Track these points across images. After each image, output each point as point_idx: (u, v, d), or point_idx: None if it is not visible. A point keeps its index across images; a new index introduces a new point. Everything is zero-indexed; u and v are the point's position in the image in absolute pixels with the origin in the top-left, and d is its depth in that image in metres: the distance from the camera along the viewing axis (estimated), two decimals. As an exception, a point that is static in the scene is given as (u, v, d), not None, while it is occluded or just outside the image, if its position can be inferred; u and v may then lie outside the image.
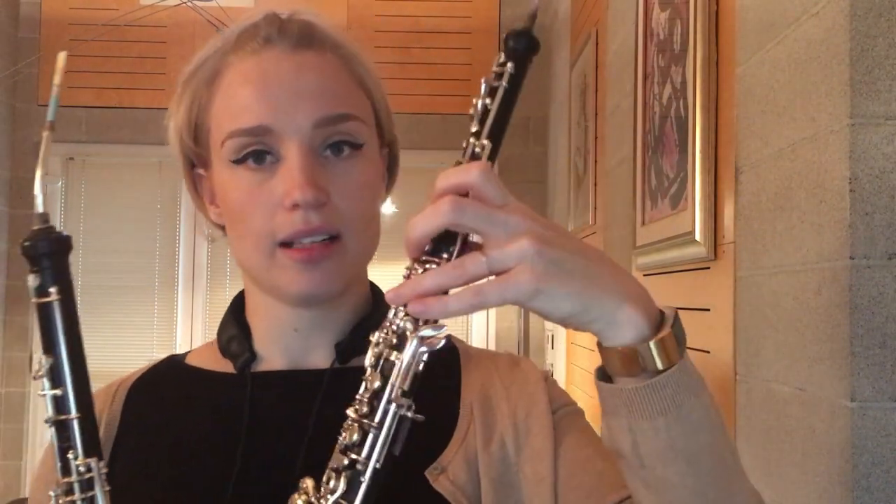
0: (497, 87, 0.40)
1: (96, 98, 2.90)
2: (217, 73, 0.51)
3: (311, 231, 0.47)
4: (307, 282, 0.48)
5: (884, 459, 0.70)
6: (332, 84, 0.50)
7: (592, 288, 0.36)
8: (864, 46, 0.71)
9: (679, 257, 1.20)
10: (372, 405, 0.39)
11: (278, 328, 0.53)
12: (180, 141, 0.53)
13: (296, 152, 0.48)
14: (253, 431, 0.50)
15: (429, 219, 0.37)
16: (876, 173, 0.71)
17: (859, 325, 0.70)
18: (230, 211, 0.50)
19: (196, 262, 2.98)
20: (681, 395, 0.37)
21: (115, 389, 0.55)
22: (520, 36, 0.40)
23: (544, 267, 0.35)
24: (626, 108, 1.56)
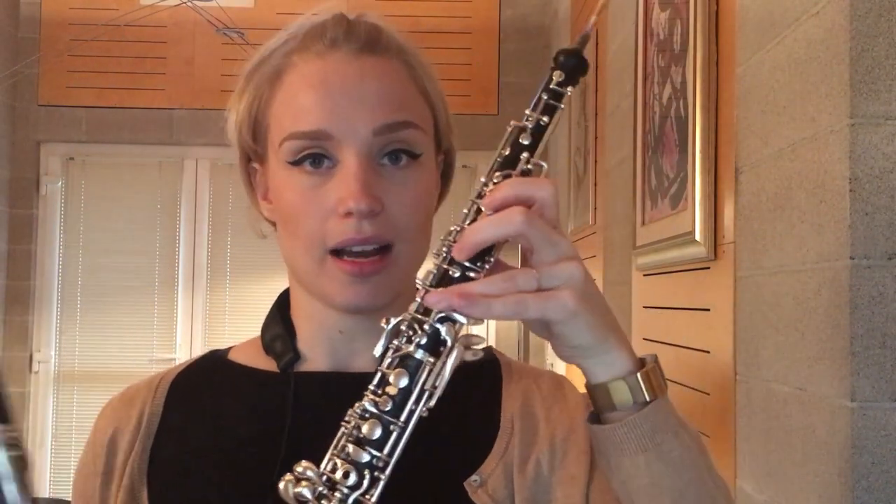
0: (555, 107, 0.41)
1: (96, 98, 2.90)
2: (281, 71, 0.50)
3: (363, 240, 0.47)
4: (355, 295, 0.48)
5: (884, 459, 0.70)
6: (394, 91, 0.49)
7: (607, 329, 0.40)
8: (864, 46, 0.71)
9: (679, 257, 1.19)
10: (396, 402, 0.38)
11: (323, 330, 0.52)
12: (239, 135, 0.53)
13: (353, 159, 0.47)
14: (295, 432, 0.50)
15: (499, 226, 0.38)
16: (876, 173, 0.71)
17: (859, 325, 0.70)
18: (283, 211, 0.50)
19: (196, 263, 2.98)
20: (659, 433, 0.40)
21: (157, 384, 0.55)
22: (574, 55, 0.41)
23: (585, 295, 0.38)
24: (626, 108, 1.56)
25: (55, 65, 2.82)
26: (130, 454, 0.52)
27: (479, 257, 0.39)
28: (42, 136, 2.93)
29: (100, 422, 0.55)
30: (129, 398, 0.55)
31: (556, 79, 0.41)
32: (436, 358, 0.39)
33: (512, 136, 0.41)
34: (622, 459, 0.40)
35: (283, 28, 0.52)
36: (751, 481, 0.93)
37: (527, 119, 0.41)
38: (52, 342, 2.92)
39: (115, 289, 2.92)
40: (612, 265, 1.74)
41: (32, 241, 2.89)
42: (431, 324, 0.39)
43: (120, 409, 0.55)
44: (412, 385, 0.38)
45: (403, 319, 0.39)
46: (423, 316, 0.39)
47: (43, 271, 2.91)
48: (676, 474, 0.40)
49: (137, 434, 0.52)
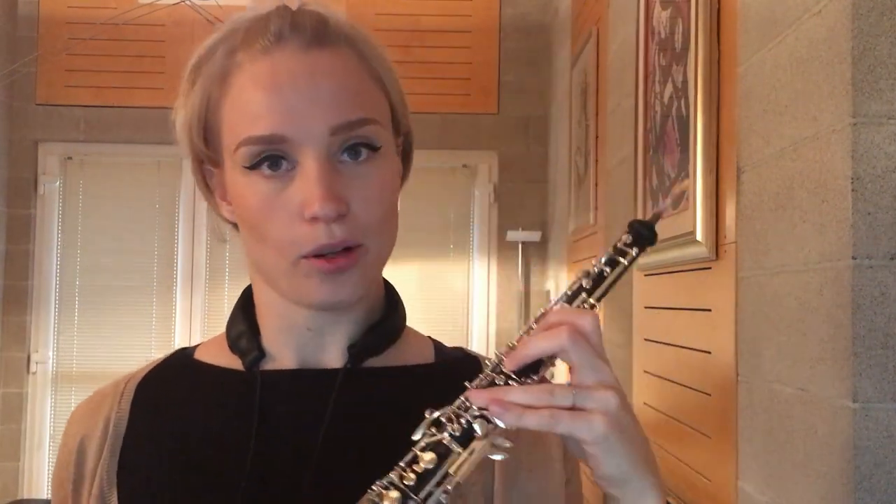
0: (618, 261, 0.45)
1: (94, 97, 2.89)
2: (227, 72, 0.49)
3: (335, 245, 0.47)
4: (330, 291, 0.48)
5: (886, 460, 0.69)
6: (348, 86, 0.48)
7: (640, 464, 0.41)
8: (866, 45, 0.71)
9: (680, 257, 1.19)
10: (419, 480, 0.41)
11: (291, 328, 0.52)
12: (189, 139, 0.52)
13: (312, 161, 0.46)
14: (263, 430, 0.49)
15: (548, 341, 0.42)
16: (878, 173, 0.71)
17: (861, 325, 0.70)
18: (247, 217, 0.49)
19: (195, 263, 2.97)
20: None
21: (123, 387, 0.54)
22: (646, 226, 0.47)
23: (617, 424, 0.41)
24: (627, 107, 1.56)
25: (53, 64, 2.82)
26: (99, 460, 0.52)
27: (526, 372, 0.43)
28: (40, 136, 2.92)
29: (69, 428, 0.55)
30: (96, 403, 0.54)
31: (624, 240, 0.46)
32: (464, 449, 0.42)
33: (577, 279, 0.46)
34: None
35: (225, 21, 0.51)
36: (752, 482, 0.93)
37: (594, 266, 0.46)
38: (50, 342, 2.92)
39: (113, 289, 2.91)
40: (612, 265, 1.73)
41: (30, 241, 2.89)
42: (468, 419, 0.42)
43: (87, 414, 0.54)
44: (437, 469, 0.41)
45: (445, 412, 0.42)
46: (462, 411, 0.42)
47: (41, 271, 2.90)
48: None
49: (105, 440, 0.52)
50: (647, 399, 1.41)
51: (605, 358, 0.42)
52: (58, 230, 2.93)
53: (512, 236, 2.70)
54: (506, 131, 2.85)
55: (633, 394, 1.49)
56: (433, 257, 2.82)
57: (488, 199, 2.85)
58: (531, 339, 0.42)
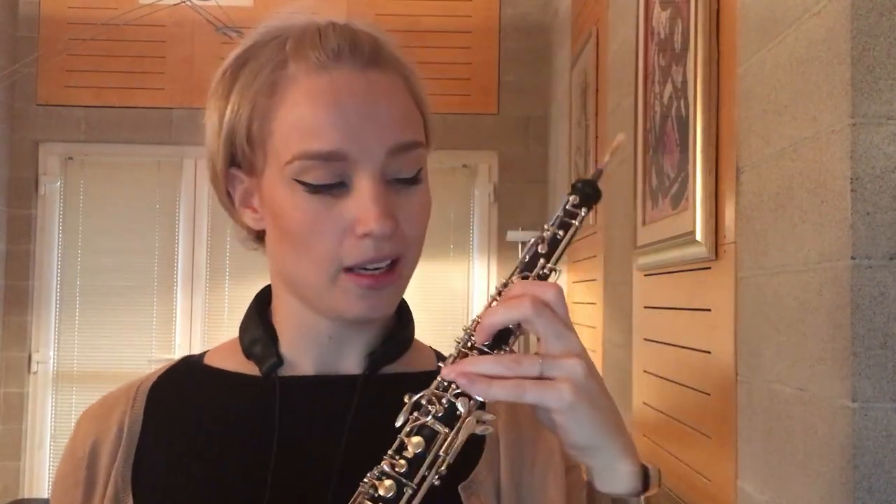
0: (569, 223, 0.45)
1: (95, 97, 2.89)
2: (278, 82, 0.48)
3: (381, 259, 0.48)
4: (368, 307, 0.49)
5: (885, 460, 0.69)
6: (401, 108, 0.49)
7: (610, 430, 0.41)
8: (865, 46, 0.71)
9: (680, 257, 1.19)
10: (411, 466, 0.41)
11: (312, 336, 0.52)
12: (229, 140, 0.51)
13: (370, 181, 0.47)
14: (284, 436, 0.49)
15: (510, 311, 0.41)
16: (877, 173, 0.71)
17: (861, 325, 0.70)
18: (290, 228, 0.49)
19: (195, 263, 2.97)
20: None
21: (136, 391, 0.54)
22: (590, 185, 0.46)
23: (584, 391, 0.40)
24: (627, 107, 1.56)
25: (54, 64, 2.82)
26: (113, 463, 0.51)
27: (497, 344, 0.43)
28: (40, 136, 2.93)
29: (78, 432, 0.54)
30: (107, 407, 0.54)
31: (571, 201, 0.46)
32: (450, 429, 0.41)
33: (532, 245, 0.45)
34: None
35: (264, 24, 0.50)
36: (752, 482, 0.93)
37: (545, 231, 0.45)
38: (51, 342, 2.92)
39: (113, 289, 2.91)
40: (613, 265, 1.73)
41: (31, 241, 2.89)
42: (449, 398, 0.42)
43: (99, 418, 0.54)
44: (426, 452, 0.41)
45: (424, 395, 0.42)
46: (442, 392, 0.42)
47: (41, 271, 2.91)
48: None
49: (119, 443, 0.52)
50: (646, 399, 1.41)
51: (570, 326, 0.42)
52: (58, 230, 2.93)
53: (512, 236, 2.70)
54: (506, 131, 2.85)
55: (632, 394, 1.49)
56: (433, 257, 2.83)
57: (488, 199, 2.85)
58: (496, 308, 0.42)
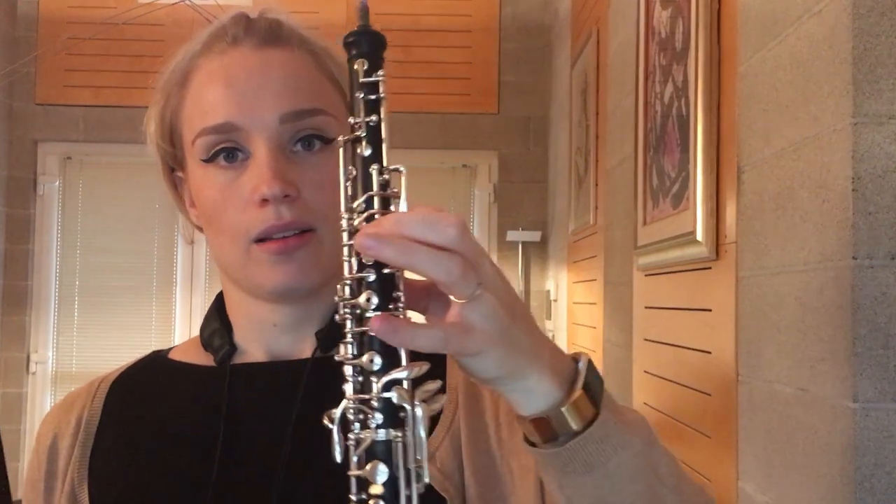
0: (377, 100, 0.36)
1: (94, 97, 2.89)
2: (187, 75, 0.52)
3: (283, 226, 0.48)
4: (282, 275, 0.48)
5: (886, 461, 0.69)
6: (299, 79, 0.50)
7: (519, 357, 0.35)
8: (866, 45, 0.71)
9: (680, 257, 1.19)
10: (389, 498, 0.34)
11: (258, 324, 0.53)
12: (157, 144, 0.54)
13: (263, 148, 0.48)
14: (233, 423, 0.50)
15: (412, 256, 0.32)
16: (879, 173, 0.71)
17: (862, 325, 0.70)
18: (205, 210, 0.51)
19: (194, 263, 2.97)
20: (605, 450, 0.37)
21: (97, 386, 0.55)
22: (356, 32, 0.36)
23: (497, 333, 0.34)
24: (628, 107, 1.56)
25: (52, 63, 2.81)
26: (70, 459, 0.52)
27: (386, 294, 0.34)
28: (39, 136, 2.92)
29: (41, 428, 0.55)
30: (69, 403, 0.55)
31: (361, 70, 0.35)
32: (402, 430, 0.34)
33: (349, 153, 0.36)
34: (565, 480, 0.38)
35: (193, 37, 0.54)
36: (752, 482, 0.93)
37: (355, 128, 0.36)
38: (50, 342, 2.92)
39: (112, 289, 2.91)
40: (613, 265, 1.73)
41: (29, 241, 2.89)
42: (378, 397, 0.34)
43: (60, 414, 0.55)
44: (395, 470, 0.34)
45: (347, 408, 0.35)
46: (364, 394, 0.34)
47: (40, 271, 2.90)
48: (625, 487, 0.38)
49: (76, 438, 0.52)
50: (647, 399, 1.41)
51: (476, 258, 0.33)
52: (57, 230, 2.93)
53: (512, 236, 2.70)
54: (506, 131, 2.85)
55: (633, 394, 1.49)
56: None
57: (488, 199, 2.85)
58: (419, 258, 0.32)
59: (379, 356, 0.34)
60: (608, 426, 0.37)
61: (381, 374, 0.34)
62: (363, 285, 0.34)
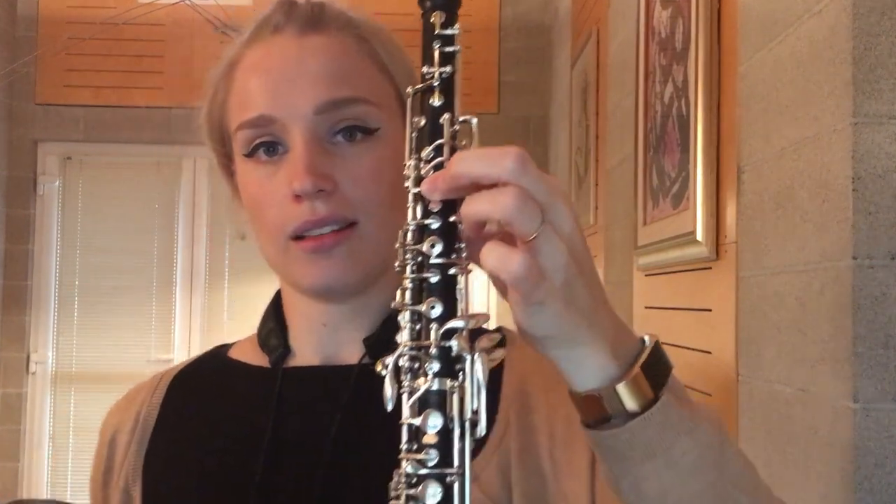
0: (453, 53, 0.35)
1: (94, 97, 2.89)
2: (232, 66, 0.50)
3: (318, 221, 0.46)
4: (319, 272, 0.46)
5: (886, 461, 0.69)
6: (338, 66, 0.47)
7: (575, 316, 0.33)
8: (866, 45, 0.71)
9: (680, 257, 1.19)
10: (441, 450, 0.32)
11: (308, 323, 0.52)
12: (209, 141, 0.53)
13: (299, 140, 0.46)
14: (280, 426, 0.49)
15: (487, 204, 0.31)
16: (879, 173, 0.71)
17: (862, 325, 0.70)
18: (248, 206, 0.50)
19: (194, 263, 2.97)
20: (668, 436, 0.34)
21: (158, 382, 0.55)
22: None
23: (561, 284, 0.32)
24: (628, 107, 1.56)
25: (52, 63, 2.81)
26: (126, 455, 0.52)
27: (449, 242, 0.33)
28: (39, 136, 2.92)
29: (104, 422, 0.55)
30: (131, 398, 0.55)
31: (437, 22, 0.35)
32: (458, 380, 0.33)
33: (419, 102, 0.36)
34: (626, 467, 0.35)
35: None
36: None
37: (426, 77, 0.35)
38: (50, 343, 2.92)
39: (112, 289, 2.91)
40: (614, 265, 1.73)
41: (29, 241, 2.89)
42: (437, 345, 0.33)
43: (122, 409, 0.55)
44: (449, 421, 0.32)
45: (401, 354, 0.33)
46: (422, 341, 0.33)
47: (40, 271, 2.90)
48: (690, 480, 0.34)
49: (133, 435, 0.53)
50: (647, 399, 1.41)
51: (547, 199, 0.31)
52: (57, 230, 2.93)
53: (512, 236, 2.69)
54: (506, 131, 2.85)
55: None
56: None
57: (488, 199, 2.85)
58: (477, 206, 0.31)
59: (440, 303, 0.33)
60: (671, 410, 0.34)
61: (441, 322, 0.33)
62: (426, 232, 0.33)
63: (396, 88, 0.50)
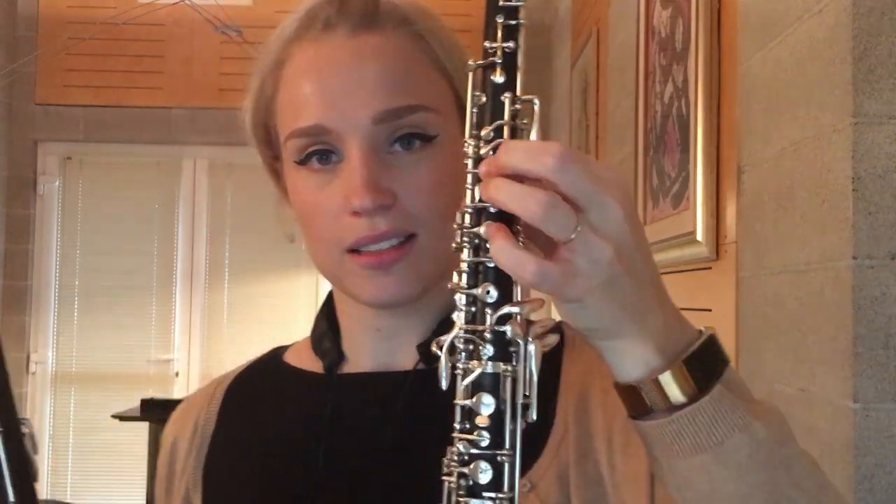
0: (517, 25, 0.34)
1: (94, 97, 2.89)
2: (280, 63, 0.47)
3: (377, 237, 0.44)
4: (378, 289, 0.45)
5: (886, 461, 0.69)
6: (397, 71, 0.45)
7: (618, 311, 0.32)
8: (866, 45, 0.71)
9: (680, 257, 1.19)
10: (493, 431, 0.33)
11: (362, 329, 0.50)
12: (255, 140, 0.50)
13: (356, 152, 0.44)
14: (336, 435, 0.48)
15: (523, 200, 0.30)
16: (879, 173, 0.71)
17: (862, 325, 0.70)
18: (299, 213, 0.48)
19: (194, 263, 2.97)
20: (718, 430, 0.33)
21: (214, 391, 0.54)
22: None
23: (601, 282, 0.31)
24: (628, 107, 1.56)
25: (52, 63, 2.81)
26: (186, 462, 0.52)
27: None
28: (39, 136, 2.92)
29: (166, 429, 0.55)
30: (189, 405, 0.55)
31: None
32: (512, 364, 0.33)
33: (478, 79, 0.34)
34: (675, 461, 0.33)
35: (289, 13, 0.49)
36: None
37: (489, 52, 0.34)
38: (50, 343, 2.92)
39: (112, 289, 2.91)
40: (612, 265, 1.73)
41: (29, 241, 2.89)
42: (491, 329, 0.33)
43: (180, 417, 0.55)
44: (501, 404, 0.33)
45: (457, 336, 0.34)
46: (477, 325, 0.33)
47: (40, 271, 2.90)
48: (743, 477, 0.33)
49: (193, 442, 0.52)
50: (647, 399, 1.41)
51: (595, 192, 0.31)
52: (57, 230, 2.93)
53: (512, 236, 2.69)
54: (505, 131, 2.85)
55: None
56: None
57: (488, 198, 2.85)
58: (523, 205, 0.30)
59: (495, 288, 0.33)
60: (723, 404, 0.33)
61: (496, 307, 0.33)
62: (484, 215, 0.33)
63: (454, 88, 0.48)
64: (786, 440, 0.35)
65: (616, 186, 0.31)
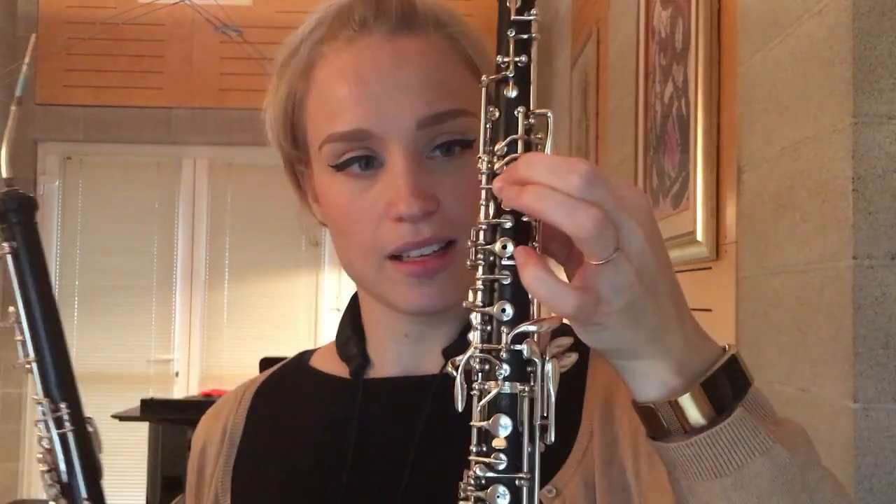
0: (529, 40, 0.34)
1: (94, 97, 2.89)
2: (311, 65, 0.46)
3: (421, 242, 0.43)
4: (420, 297, 0.44)
5: (886, 460, 0.69)
6: (438, 75, 0.44)
7: (638, 332, 0.32)
8: (866, 45, 0.71)
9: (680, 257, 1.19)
10: (510, 454, 0.32)
11: (389, 334, 0.50)
12: (277, 141, 0.49)
13: (399, 157, 0.43)
14: (362, 440, 0.48)
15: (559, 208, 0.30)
16: (879, 173, 0.71)
17: (862, 325, 0.70)
18: (334, 218, 0.47)
19: (194, 262, 2.97)
20: (737, 454, 0.32)
21: (242, 395, 0.55)
22: None
23: (622, 308, 0.31)
24: (628, 107, 1.56)
25: (52, 63, 2.81)
26: (216, 467, 0.52)
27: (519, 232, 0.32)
28: (39, 136, 2.92)
29: (196, 433, 0.55)
30: (217, 410, 0.55)
31: (513, 7, 0.34)
32: (528, 384, 0.32)
33: (493, 93, 0.34)
34: (694, 484, 0.33)
35: (312, 12, 0.48)
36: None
37: (501, 67, 0.34)
38: (50, 342, 2.91)
39: (112, 289, 2.91)
40: (612, 265, 1.73)
41: (30, 241, 2.89)
42: (507, 348, 0.32)
43: (209, 421, 0.55)
44: (518, 425, 0.32)
45: (472, 357, 0.33)
46: (492, 344, 0.33)
47: (40, 271, 2.90)
48: (764, 503, 0.32)
49: (222, 447, 0.52)
50: (647, 399, 1.41)
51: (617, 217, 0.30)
52: (57, 230, 2.93)
53: (512, 236, 2.69)
54: (506, 131, 2.85)
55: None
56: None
57: (488, 198, 2.85)
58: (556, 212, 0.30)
59: (510, 306, 0.32)
60: (744, 427, 0.32)
61: (512, 325, 0.32)
62: (499, 232, 0.32)
63: None
64: (810, 464, 0.34)
65: (638, 207, 0.31)
